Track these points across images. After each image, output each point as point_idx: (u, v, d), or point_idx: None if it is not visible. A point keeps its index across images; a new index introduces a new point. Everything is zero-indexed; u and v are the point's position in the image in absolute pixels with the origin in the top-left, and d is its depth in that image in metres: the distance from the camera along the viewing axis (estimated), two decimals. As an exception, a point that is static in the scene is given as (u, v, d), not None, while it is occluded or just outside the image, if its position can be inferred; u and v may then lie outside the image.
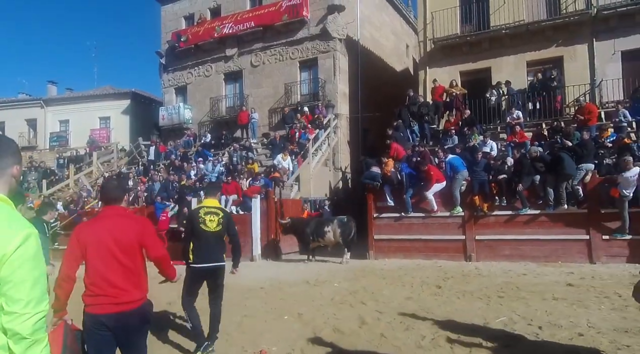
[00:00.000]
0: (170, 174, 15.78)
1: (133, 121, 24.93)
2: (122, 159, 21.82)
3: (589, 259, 8.84)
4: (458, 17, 14.60)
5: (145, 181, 15.96)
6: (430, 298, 6.01)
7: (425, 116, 13.30)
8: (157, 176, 15.34)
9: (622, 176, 8.24)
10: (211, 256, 4.12)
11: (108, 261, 2.51)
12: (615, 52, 12.59)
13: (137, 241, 2.60)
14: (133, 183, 16.40)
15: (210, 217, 4.14)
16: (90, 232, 2.57)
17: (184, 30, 20.67)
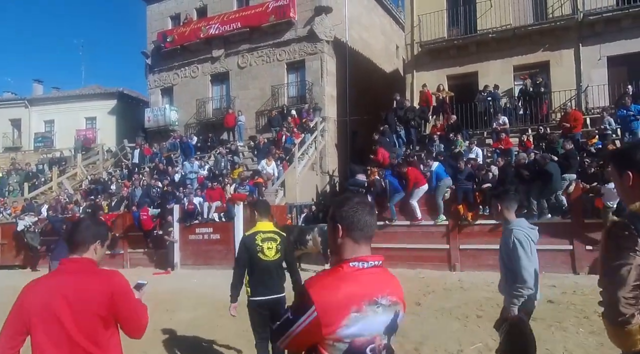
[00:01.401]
0: (154, 178, 15.52)
1: (120, 122, 24.54)
2: (107, 160, 21.49)
3: (572, 269, 8.79)
4: (445, 21, 14.46)
5: (128, 185, 15.67)
6: (408, 318, 5.82)
7: (412, 120, 13.16)
8: (139, 181, 15.04)
9: (605, 188, 8.18)
10: (272, 288, 3.61)
11: (58, 340, 1.79)
12: (601, 57, 12.54)
13: (105, 311, 1.85)
14: (116, 187, 16.12)
15: (269, 245, 3.60)
16: (38, 296, 1.82)
17: (170, 30, 20.32)
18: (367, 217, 1.50)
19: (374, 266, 1.45)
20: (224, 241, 11.85)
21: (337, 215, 1.51)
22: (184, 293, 8.24)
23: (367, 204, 1.55)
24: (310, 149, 15.33)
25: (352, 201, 1.53)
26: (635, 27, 12.12)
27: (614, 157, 1.75)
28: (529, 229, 3.09)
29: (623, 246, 1.45)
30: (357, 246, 1.48)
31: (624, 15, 12.11)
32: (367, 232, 1.49)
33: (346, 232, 1.48)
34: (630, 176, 1.57)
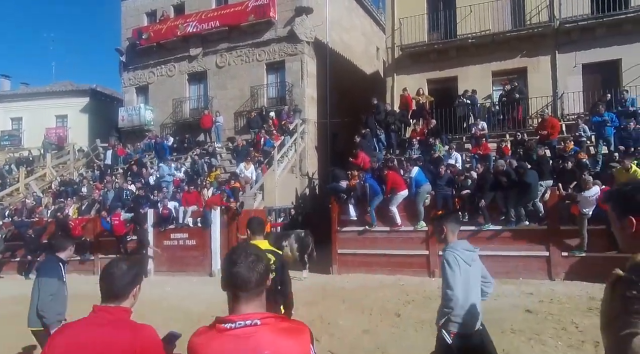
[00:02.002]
0: (128, 180, 15.00)
1: (92, 120, 23.67)
2: (78, 160, 20.70)
3: (548, 275, 8.87)
4: (426, 25, 14.48)
5: (100, 187, 15.09)
6: (388, 331, 5.75)
7: (392, 124, 13.11)
8: (111, 183, 14.50)
9: (581, 195, 8.28)
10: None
11: None
12: (577, 64, 12.78)
13: None
14: (87, 189, 15.51)
15: None
16: (62, 348, 1.69)
17: (145, 27, 19.72)
18: (233, 268, 1.45)
19: (244, 327, 1.39)
20: (200, 247, 11.51)
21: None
22: (156, 304, 7.89)
23: (233, 253, 1.51)
24: (289, 151, 15.11)
25: (227, 254, 1.53)
26: (609, 36, 12.39)
27: (613, 198, 1.58)
28: (464, 251, 3.05)
29: (631, 309, 1.28)
30: (234, 304, 1.45)
31: (599, 24, 12.36)
32: (238, 286, 1.44)
33: (223, 285, 1.49)
34: (634, 222, 1.42)
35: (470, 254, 3.08)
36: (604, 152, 10.40)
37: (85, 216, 13.83)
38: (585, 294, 7.40)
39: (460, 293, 2.91)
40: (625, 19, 12.05)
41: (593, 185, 8.16)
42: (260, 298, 1.48)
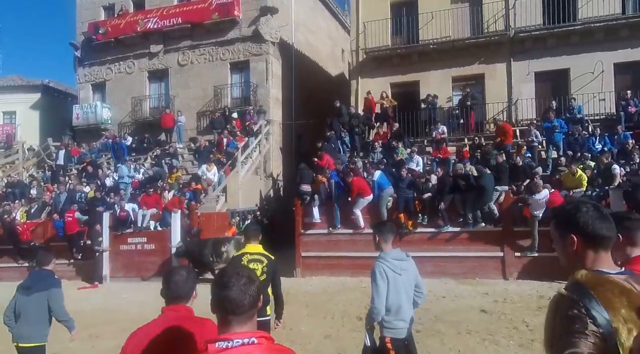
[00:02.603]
0: (82, 182, 14.32)
1: (44, 118, 22.36)
2: (28, 160, 19.53)
3: (502, 275, 9.26)
4: (389, 30, 14.73)
5: (52, 189, 14.30)
6: (349, 336, 5.81)
7: (356, 127, 13.25)
8: (64, 185, 13.78)
9: (532, 198, 8.69)
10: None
11: None
12: (530, 72, 13.42)
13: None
14: (37, 191, 14.67)
15: (254, 265, 3.70)
16: (138, 342, 1.93)
17: (102, 21, 18.88)
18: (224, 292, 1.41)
19: (242, 345, 1.33)
20: (159, 252, 11.15)
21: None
22: (112, 313, 7.58)
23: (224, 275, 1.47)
24: (254, 153, 14.94)
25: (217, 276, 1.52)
26: (559, 46, 13.10)
27: (556, 217, 1.61)
28: (393, 260, 3.22)
29: (571, 329, 1.30)
30: (224, 327, 1.41)
31: (549, 34, 13.04)
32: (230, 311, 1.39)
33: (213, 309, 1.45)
34: (575, 240, 1.46)
35: (400, 263, 3.22)
36: (553, 156, 10.98)
37: (35, 220, 13.07)
38: (535, 293, 7.79)
39: (383, 302, 3.10)
40: (574, 30, 12.79)
41: (543, 188, 8.60)
42: (253, 320, 1.44)
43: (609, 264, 1.48)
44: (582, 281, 1.41)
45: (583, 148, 10.65)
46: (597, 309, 1.31)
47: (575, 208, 1.51)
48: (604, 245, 1.47)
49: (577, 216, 1.48)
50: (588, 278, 1.43)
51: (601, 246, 1.47)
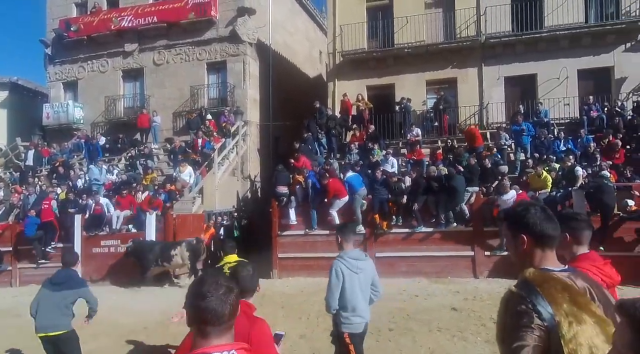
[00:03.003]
0: (53, 183, 13.95)
1: (12, 117, 21.54)
2: (-5, 160, 18.81)
3: (473, 274, 9.59)
4: (365, 33, 14.96)
5: (20, 191, 13.87)
6: (324, 336, 5.91)
7: (333, 129, 13.41)
8: (33, 187, 13.39)
9: (500, 199, 9.05)
10: None
11: None
12: (500, 77, 13.90)
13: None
14: (4, 193, 14.19)
15: None
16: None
17: (74, 18, 18.40)
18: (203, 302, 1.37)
19: None
20: (134, 255, 10.97)
21: None
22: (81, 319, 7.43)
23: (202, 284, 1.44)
24: (231, 154, 14.89)
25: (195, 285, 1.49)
26: (527, 52, 13.63)
27: (508, 218, 1.73)
28: (350, 260, 3.46)
29: (519, 323, 1.42)
30: (202, 339, 1.37)
31: (518, 41, 13.55)
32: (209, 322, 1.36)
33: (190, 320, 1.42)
34: (525, 240, 1.58)
35: (357, 262, 3.44)
36: (521, 158, 11.43)
37: (2, 223, 12.65)
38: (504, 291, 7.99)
39: (336, 299, 3.38)
40: (540, 37, 13.33)
41: (510, 189, 8.97)
42: (231, 331, 1.41)
43: (554, 262, 1.64)
44: (530, 279, 1.55)
45: (549, 151, 11.14)
46: (542, 304, 1.45)
47: (525, 210, 1.65)
48: (550, 244, 1.62)
49: (527, 217, 1.61)
50: (535, 276, 1.57)
51: (547, 245, 1.62)
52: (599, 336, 1.44)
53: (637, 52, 12.96)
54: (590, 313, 1.48)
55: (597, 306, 1.53)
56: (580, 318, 1.46)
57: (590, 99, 12.44)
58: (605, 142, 10.66)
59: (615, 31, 12.94)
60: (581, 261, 2.08)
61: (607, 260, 2.18)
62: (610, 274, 2.09)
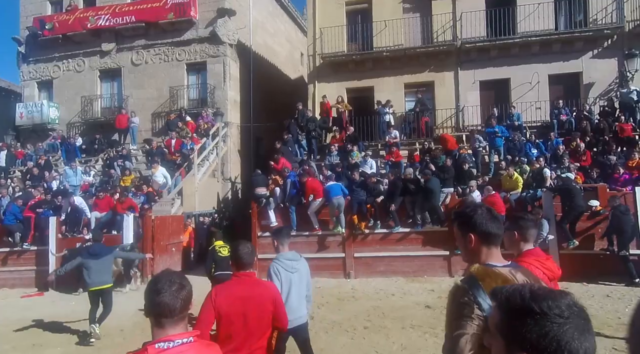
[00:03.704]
0: (26, 185, 13.63)
1: (-17, 116, 20.96)
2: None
3: (448, 273, 9.86)
4: (345, 36, 15.15)
5: (-7, 193, 13.50)
6: (300, 334, 6.04)
7: (313, 131, 13.54)
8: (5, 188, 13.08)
9: (467, 199, 9.43)
10: (228, 269, 5.36)
11: (241, 329, 2.49)
12: (475, 81, 14.29)
13: (272, 309, 2.62)
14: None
15: (223, 249, 6.31)
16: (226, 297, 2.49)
17: (49, 16, 18.03)
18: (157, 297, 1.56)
19: (182, 344, 1.50)
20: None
21: None
22: (57, 322, 7.37)
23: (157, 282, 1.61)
24: (211, 155, 14.85)
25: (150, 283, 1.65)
26: (501, 57, 14.06)
27: (457, 218, 1.86)
28: (286, 261, 3.70)
29: (462, 313, 1.53)
30: (159, 329, 1.54)
31: (492, 46, 13.96)
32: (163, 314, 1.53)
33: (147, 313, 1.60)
34: (473, 238, 1.72)
35: (292, 263, 3.69)
36: (495, 160, 11.80)
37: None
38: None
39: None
40: (513, 43, 13.77)
41: (475, 189, 9.40)
42: (185, 321, 1.60)
43: (498, 258, 1.78)
44: (474, 274, 1.69)
45: (521, 153, 11.52)
46: (483, 297, 1.56)
47: (473, 211, 1.80)
48: (495, 241, 1.78)
49: (474, 217, 1.76)
50: (479, 271, 1.71)
51: (492, 243, 1.77)
52: None
53: (604, 59, 13.54)
54: None
55: None
56: None
57: (560, 103, 12.93)
58: (573, 145, 11.11)
59: (584, 38, 13.48)
60: (527, 256, 2.27)
61: (550, 256, 2.38)
62: (551, 268, 2.28)
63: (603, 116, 12.43)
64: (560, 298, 0.94)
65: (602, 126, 11.80)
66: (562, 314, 0.90)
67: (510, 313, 0.96)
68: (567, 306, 0.92)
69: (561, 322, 0.90)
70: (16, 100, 19.51)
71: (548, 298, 0.93)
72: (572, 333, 0.89)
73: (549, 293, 0.96)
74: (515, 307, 0.95)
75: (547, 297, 0.93)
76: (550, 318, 0.90)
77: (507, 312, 0.97)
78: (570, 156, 10.86)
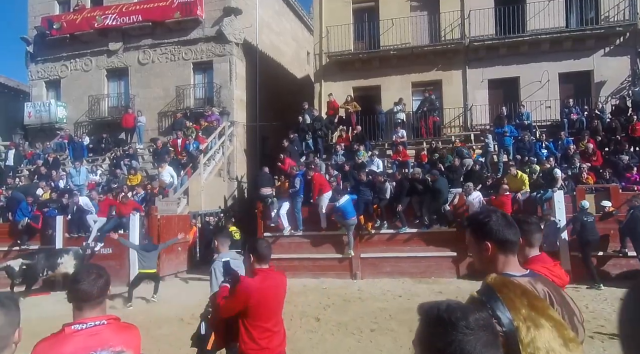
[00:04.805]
0: (34, 184, 13.69)
1: (-8, 115, 21.14)
2: (-26, 160, 18.40)
3: (456, 274, 9.72)
4: (352, 34, 15.03)
5: (0, 192, 13.60)
6: (306, 336, 5.97)
7: (319, 130, 13.45)
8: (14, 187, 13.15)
9: (467, 200, 9.29)
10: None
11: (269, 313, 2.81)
12: (483, 80, 14.10)
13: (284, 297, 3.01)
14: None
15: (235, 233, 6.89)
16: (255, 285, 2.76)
17: (57, 16, 18.13)
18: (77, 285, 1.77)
19: (94, 326, 1.73)
20: (117, 256, 10.85)
21: None
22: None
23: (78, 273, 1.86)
24: (217, 154, 14.82)
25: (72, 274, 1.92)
26: (510, 55, 13.85)
27: (472, 225, 1.72)
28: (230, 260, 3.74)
29: None
30: (78, 312, 1.78)
31: (501, 44, 13.75)
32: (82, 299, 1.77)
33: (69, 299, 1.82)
34: (489, 247, 1.60)
35: (236, 262, 3.74)
36: (504, 160, 11.62)
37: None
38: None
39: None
40: (522, 41, 13.56)
41: (473, 190, 9.29)
42: (102, 306, 1.82)
43: (516, 267, 1.67)
44: (491, 284, 1.58)
45: (530, 153, 11.33)
46: (502, 309, 1.46)
47: (487, 217, 1.66)
48: (512, 249, 1.66)
49: (489, 224, 1.62)
50: (496, 281, 1.59)
51: (510, 251, 1.65)
52: (556, 340, 1.45)
53: (616, 57, 13.28)
54: (548, 317, 1.49)
55: (555, 310, 1.56)
56: (538, 322, 1.47)
57: (571, 102, 12.69)
58: (583, 144, 10.90)
59: (595, 36, 13.23)
60: (533, 263, 2.14)
61: (557, 261, 2.26)
62: (559, 275, 2.16)
63: (615, 114, 12.18)
64: (471, 311, 1.03)
65: (614, 125, 11.57)
66: (468, 326, 0.99)
67: (426, 323, 1.04)
68: (475, 319, 1.01)
69: (466, 333, 0.98)
70: (25, 99, 19.64)
71: (459, 310, 1.01)
72: (474, 344, 0.97)
73: (462, 307, 1.04)
74: (432, 317, 1.03)
75: (459, 310, 1.01)
76: (457, 328, 0.98)
77: (424, 322, 1.05)
78: (581, 156, 10.66)
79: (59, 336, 1.70)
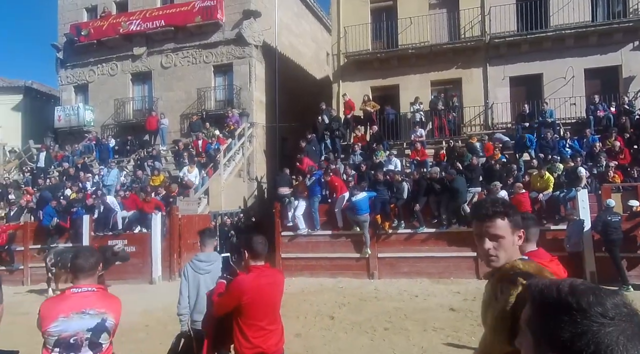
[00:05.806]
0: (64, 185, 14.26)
1: (26, 120, 22.12)
2: (10, 162, 19.32)
3: (476, 274, 9.54)
4: (369, 34, 14.99)
5: (32, 192, 14.23)
6: (319, 334, 6.00)
7: (336, 130, 13.47)
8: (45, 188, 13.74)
9: (489, 197, 9.05)
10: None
11: (266, 311, 2.78)
12: (505, 77, 13.79)
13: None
14: (16, 195, 14.54)
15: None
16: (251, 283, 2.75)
17: (85, 23, 18.81)
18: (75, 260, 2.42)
19: (87, 291, 2.35)
20: (140, 254, 11.19)
21: None
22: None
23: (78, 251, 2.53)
24: (237, 155, 15.05)
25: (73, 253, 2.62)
26: (532, 52, 13.51)
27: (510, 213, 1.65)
28: (197, 261, 3.71)
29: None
30: (76, 280, 2.40)
31: (523, 40, 13.43)
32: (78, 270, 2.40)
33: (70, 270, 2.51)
34: (522, 236, 1.65)
35: (202, 264, 3.68)
36: (526, 159, 11.33)
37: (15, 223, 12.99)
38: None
39: (186, 299, 3.66)
40: (546, 36, 13.19)
41: (501, 190, 9.04)
42: (93, 277, 2.43)
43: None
44: (528, 271, 1.54)
45: (554, 151, 11.01)
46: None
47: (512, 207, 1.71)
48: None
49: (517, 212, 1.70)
50: (531, 267, 1.58)
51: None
52: None
53: (646, 51, 12.76)
54: None
55: None
56: None
57: (597, 99, 12.26)
58: (609, 142, 10.52)
59: (623, 29, 12.75)
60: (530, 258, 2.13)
61: (554, 257, 2.24)
62: (556, 271, 2.13)
63: (645, 111, 11.70)
64: (607, 295, 0.80)
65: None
66: (605, 314, 0.76)
67: (543, 308, 0.84)
68: (615, 305, 0.77)
69: (604, 322, 0.75)
70: (55, 104, 20.48)
71: (590, 293, 0.79)
72: (615, 337, 0.74)
73: (592, 288, 0.82)
74: (549, 301, 0.82)
75: (589, 292, 0.80)
76: (590, 316, 0.76)
77: (540, 306, 0.85)
78: (607, 154, 10.28)
79: (62, 295, 2.41)
